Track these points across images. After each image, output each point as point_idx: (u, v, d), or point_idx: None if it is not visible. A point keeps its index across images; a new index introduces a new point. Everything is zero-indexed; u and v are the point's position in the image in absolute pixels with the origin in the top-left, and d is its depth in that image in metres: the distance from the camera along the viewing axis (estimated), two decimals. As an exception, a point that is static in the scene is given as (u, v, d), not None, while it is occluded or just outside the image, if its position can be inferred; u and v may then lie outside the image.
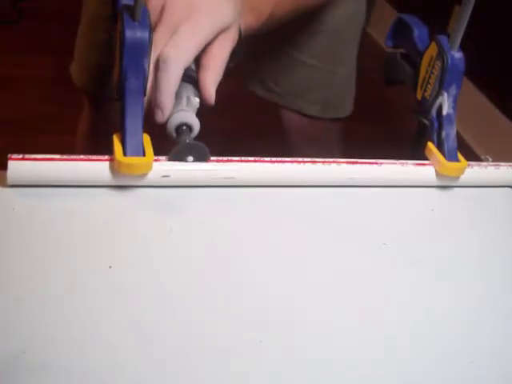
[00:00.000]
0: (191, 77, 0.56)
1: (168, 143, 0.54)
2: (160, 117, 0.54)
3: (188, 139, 0.53)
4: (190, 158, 0.54)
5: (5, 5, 2.26)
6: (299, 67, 0.91)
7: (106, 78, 0.56)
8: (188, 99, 0.55)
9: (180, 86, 0.54)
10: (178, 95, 0.55)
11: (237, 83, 0.90)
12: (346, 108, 0.97)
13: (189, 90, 0.56)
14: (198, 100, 0.56)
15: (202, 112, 0.57)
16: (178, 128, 0.54)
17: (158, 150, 0.53)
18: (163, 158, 0.54)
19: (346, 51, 0.94)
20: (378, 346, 0.44)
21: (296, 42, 0.90)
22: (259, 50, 0.68)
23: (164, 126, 0.55)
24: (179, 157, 0.54)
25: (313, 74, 0.92)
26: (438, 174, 0.62)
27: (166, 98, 0.53)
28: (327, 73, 0.92)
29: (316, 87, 0.93)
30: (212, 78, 0.56)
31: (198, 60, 0.56)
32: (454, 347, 0.46)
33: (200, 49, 0.55)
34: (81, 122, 1.02)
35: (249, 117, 1.89)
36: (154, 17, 0.54)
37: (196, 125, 0.54)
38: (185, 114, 0.54)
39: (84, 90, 0.93)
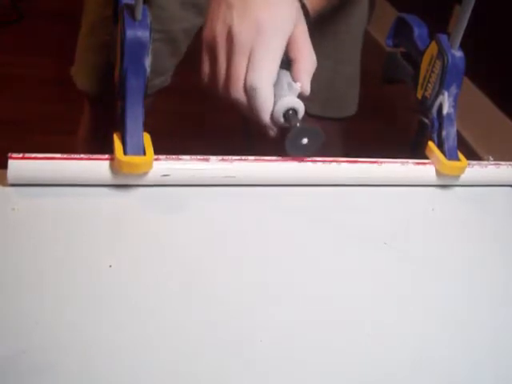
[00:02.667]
0: (286, 63, 0.57)
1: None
2: (272, 133, 0.58)
3: (299, 123, 0.55)
4: (305, 141, 0.56)
5: (5, 5, 2.26)
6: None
7: (108, 79, 0.57)
8: (289, 84, 0.57)
9: (278, 73, 0.56)
10: (278, 81, 0.56)
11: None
12: (349, 108, 0.97)
13: (287, 75, 0.58)
14: (299, 84, 0.57)
15: (203, 112, 0.57)
16: (285, 113, 0.56)
17: (159, 150, 0.53)
18: (163, 156, 0.53)
19: (351, 51, 0.94)
20: (378, 346, 0.44)
21: None
22: None
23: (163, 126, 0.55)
24: (295, 141, 0.55)
25: (317, 73, 0.92)
26: (438, 173, 0.62)
27: (267, 117, 0.56)
28: (331, 72, 0.92)
29: (319, 86, 0.92)
30: (303, 69, 0.58)
31: (286, 52, 0.57)
32: (454, 347, 0.45)
33: (279, 59, 0.56)
34: (81, 123, 1.02)
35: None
36: (220, 45, 0.56)
37: (301, 108, 0.56)
38: (289, 98, 0.56)
39: (86, 92, 0.93)
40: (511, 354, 0.46)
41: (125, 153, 0.51)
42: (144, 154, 0.52)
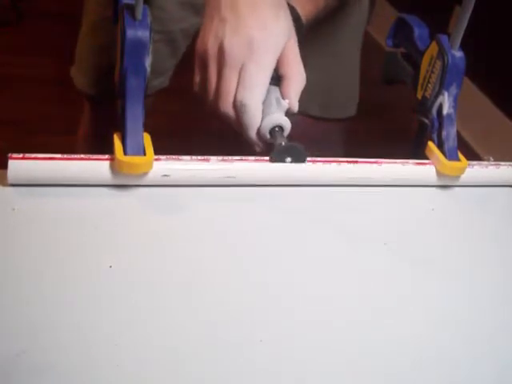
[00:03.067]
0: (275, 79, 0.58)
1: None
2: (258, 149, 0.58)
3: (283, 141, 0.56)
4: (289, 159, 0.56)
5: (5, 5, 2.26)
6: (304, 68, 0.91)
7: (108, 80, 0.57)
8: (277, 101, 0.57)
9: (267, 89, 0.57)
10: (266, 97, 0.57)
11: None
12: (350, 108, 0.97)
13: (275, 91, 0.58)
14: (287, 101, 0.58)
15: (203, 112, 0.57)
16: (271, 130, 0.56)
17: (159, 150, 0.53)
18: (163, 157, 0.53)
19: (351, 51, 0.94)
20: (378, 346, 0.44)
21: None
22: None
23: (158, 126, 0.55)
24: (279, 158, 0.56)
25: (317, 74, 0.92)
26: (438, 174, 0.62)
27: (254, 134, 0.57)
28: (331, 73, 0.92)
29: (320, 88, 0.92)
30: (293, 87, 0.58)
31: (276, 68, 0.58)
32: (454, 346, 0.45)
33: (270, 77, 0.56)
34: (81, 123, 1.02)
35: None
36: (211, 58, 0.56)
37: (288, 125, 0.57)
38: (276, 116, 0.56)
39: (86, 93, 0.93)
40: (511, 354, 0.46)
41: (125, 153, 0.51)
42: (144, 154, 0.52)
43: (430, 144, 0.63)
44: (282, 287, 0.48)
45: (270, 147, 0.57)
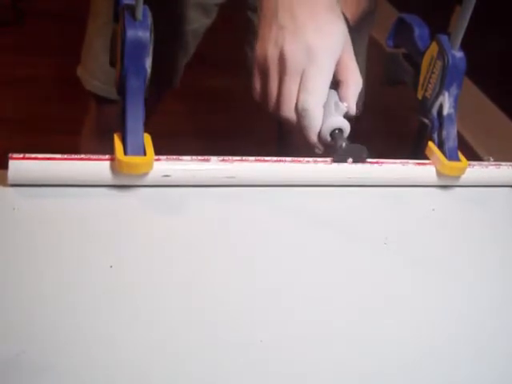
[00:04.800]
0: (333, 83, 0.59)
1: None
2: (318, 151, 0.60)
3: (344, 142, 0.58)
4: (350, 160, 0.58)
5: (5, 5, 2.26)
6: None
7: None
8: (336, 104, 0.59)
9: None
10: (326, 101, 0.58)
11: (238, 84, 0.90)
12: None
13: (334, 95, 0.59)
14: (345, 104, 0.59)
15: (203, 112, 0.57)
16: (332, 133, 0.58)
17: (159, 150, 0.53)
18: (164, 157, 0.53)
19: (359, 53, 0.94)
20: (378, 346, 0.44)
21: None
22: None
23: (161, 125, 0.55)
24: (341, 159, 0.58)
25: None
26: (438, 174, 0.62)
27: (315, 136, 0.58)
28: None
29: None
30: (351, 90, 0.60)
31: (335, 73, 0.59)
32: (454, 347, 0.45)
33: (330, 81, 0.58)
34: (86, 122, 1.02)
35: (250, 117, 1.89)
36: (272, 65, 0.57)
37: (347, 127, 0.58)
38: (336, 119, 0.58)
39: (94, 93, 0.93)
40: None
41: (125, 153, 0.51)
42: (144, 154, 0.52)
43: (431, 144, 0.63)
44: (282, 287, 0.48)
45: (328, 149, 0.59)
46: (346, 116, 0.59)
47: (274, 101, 0.59)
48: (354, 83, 0.60)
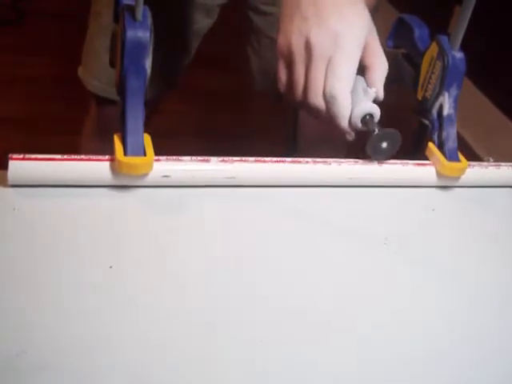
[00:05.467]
0: (360, 69, 0.59)
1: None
2: (350, 138, 0.60)
3: (376, 127, 0.58)
4: (385, 145, 0.58)
5: (5, 4, 2.26)
6: None
7: None
8: (364, 90, 0.59)
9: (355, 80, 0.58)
10: (353, 87, 0.58)
11: (240, 84, 0.90)
12: None
13: (361, 81, 0.59)
14: (374, 89, 0.59)
15: (203, 112, 0.57)
16: (363, 118, 0.58)
17: (159, 150, 0.53)
18: (163, 157, 0.53)
19: None
20: (378, 346, 0.44)
21: None
22: (273, 50, 0.69)
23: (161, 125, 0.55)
24: (375, 146, 0.58)
25: None
26: (438, 174, 0.62)
27: (345, 123, 0.58)
28: None
29: None
30: (378, 75, 0.59)
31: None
32: (454, 347, 0.45)
33: (356, 67, 0.58)
34: (87, 123, 1.02)
35: (250, 117, 1.89)
36: (298, 54, 0.58)
37: (377, 112, 0.58)
38: (366, 104, 0.58)
39: (95, 93, 0.93)
40: None
41: (125, 154, 0.51)
42: (144, 154, 0.52)
43: (430, 145, 0.63)
44: (282, 287, 0.48)
45: (360, 136, 0.59)
46: (376, 101, 0.59)
47: (300, 89, 0.59)
48: (381, 67, 0.60)
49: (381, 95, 0.60)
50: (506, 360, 0.45)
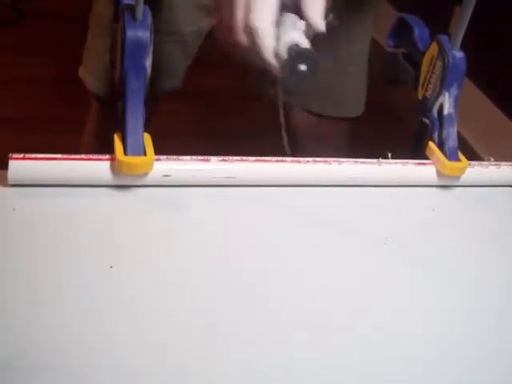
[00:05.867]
0: (293, 7, 0.56)
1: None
2: (276, 73, 0.55)
3: (299, 50, 0.54)
4: (303, 66, 0.54)
5: (5, 4, 2.26)
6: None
7: None
8: (293, 23, 0.56)
9: (283, 16, 0.55)
10: (282, 23, 0.55)
11: (240, 84, 0.90)
12: (352, 108, 0.97)
13: (292, 17, 0.56)
14: (303, 22, 0.56)
15: (203, 112, 0.57)
16: (289, 49, 0.54)
17: (159, 150, 0.53)
18: (164, 157, 0.53)
19: (361, 53, 0.93)
20: (378, 346, 0.44)
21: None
22: None
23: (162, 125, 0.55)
24: (292, 67, 0.54)
25: (326, 74, 0.91)
26: (438, 174, 0.62)
27: (270, 55, 0.54)
28: (340, 73, 0.91)
29: (329, 87, 0.92)
30: (310, 5, 0.56)
31: None
32: (454, 347, 0.45)
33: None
34: (89, 122, 1.02)
35: (250, 117, 1.89)
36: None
37: (304, 43, 0.55)
38: (291, 34, 0.55)
39: (97, 93, 0.93)
40: (512, 355, 0.46)
41: (125, 153, 0.51)
42: (144, 154, 0.52)
43: (431, 144, 0.63)
44: (282, 287, 0.48)
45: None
46: (312, 33, 0.56)
47: (224, 27, 0.57)
48: None
49: (318, 25, 0.56)
50: (506, 360, 0.45)
